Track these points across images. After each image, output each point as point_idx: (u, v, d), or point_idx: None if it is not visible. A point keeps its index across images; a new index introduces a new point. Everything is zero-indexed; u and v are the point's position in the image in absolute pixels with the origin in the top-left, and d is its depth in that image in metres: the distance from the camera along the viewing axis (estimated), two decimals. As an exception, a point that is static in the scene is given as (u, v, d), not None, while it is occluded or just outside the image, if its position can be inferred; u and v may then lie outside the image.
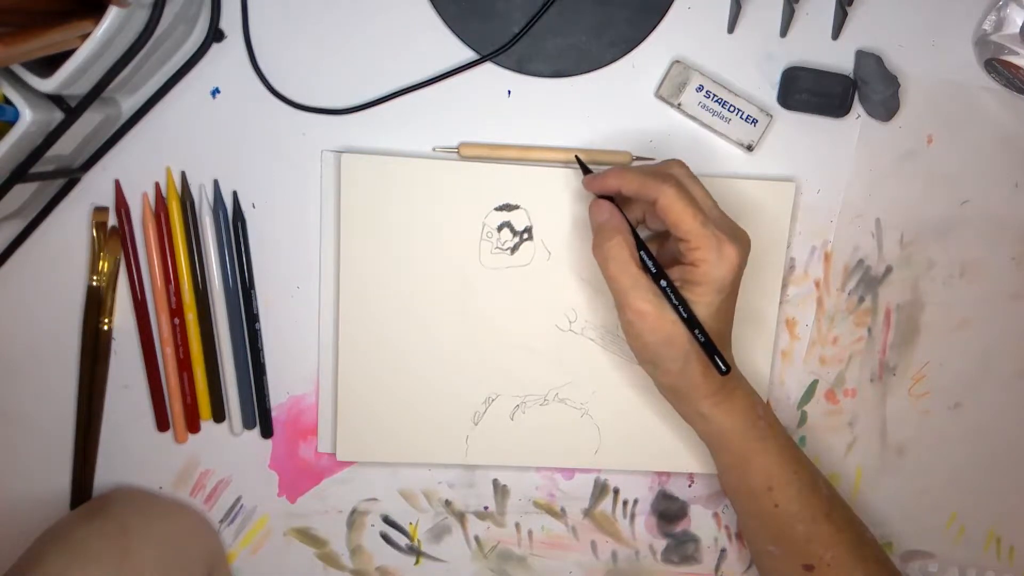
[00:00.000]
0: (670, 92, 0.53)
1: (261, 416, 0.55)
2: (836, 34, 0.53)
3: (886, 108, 0.54)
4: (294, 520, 0.57)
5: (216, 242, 0.53)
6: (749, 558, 0.61)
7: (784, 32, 0.53)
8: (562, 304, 0.55)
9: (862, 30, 0.54)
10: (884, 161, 0.56)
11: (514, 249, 0.54)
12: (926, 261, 0.58)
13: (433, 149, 0.53)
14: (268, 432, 0.56)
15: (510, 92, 0.53)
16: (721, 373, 0.47)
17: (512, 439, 0.56)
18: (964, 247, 0.58)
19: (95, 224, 0.52)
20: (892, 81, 0.53)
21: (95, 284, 0.52)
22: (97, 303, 0.53)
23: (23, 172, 0.44)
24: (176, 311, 0.53)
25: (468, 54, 0.52)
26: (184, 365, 0.54)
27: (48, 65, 0.41)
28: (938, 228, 0.58)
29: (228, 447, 0.56)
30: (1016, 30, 0.52)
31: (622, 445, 0.57)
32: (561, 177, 0.53)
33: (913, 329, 0.59)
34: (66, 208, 0.52)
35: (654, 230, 0.52)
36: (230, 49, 0.51)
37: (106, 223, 0.52)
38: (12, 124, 0.41)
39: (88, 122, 0.46)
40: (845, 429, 0.60)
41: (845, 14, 0.52)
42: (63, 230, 0.52)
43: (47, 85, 0.41)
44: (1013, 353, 0.60)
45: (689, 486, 0.60)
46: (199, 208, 0.52)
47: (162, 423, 0.55)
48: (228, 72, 0.51)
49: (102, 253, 0.52)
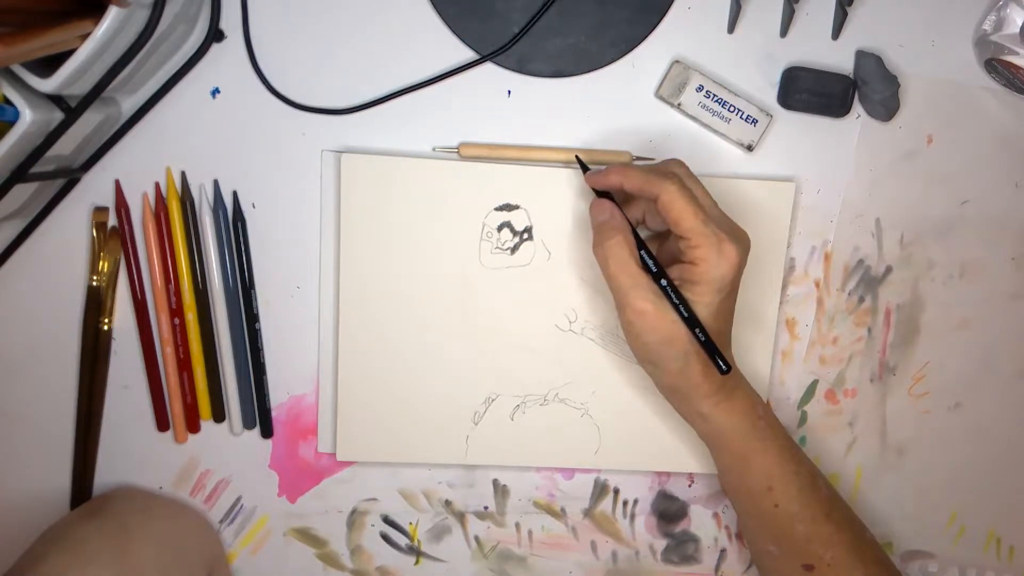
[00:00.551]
0: (670, 92, 0.53)
1: (261, 416, 0.55)
2: (836, 34, 0.53)
3: (886, 108, 0.54)
4: (294, 520, 0.57)
5: (216, 242, 0.53)
6: (749, 558, 0.61)
7: (784, 32, 0.53)
8: (562, 304, 0.55)
9: (862, 30, 0.54)
10: (884, 161, 0.56)
11: (514, 249, 0.54)
12: (926, 261, 0.58)
13: (433, 149, 0.53)
14: (268, 432, 0.56)
15: (510, 92, 0.53)
16: (721, 372, 0.47)
17: (512, 439, 0.56)
18: (964, 247, 0.58)
19: (95, 224, 0.52)
20: (892, 81, 0.53)
21: (95, 284, 0.52)
22: (97, 303, 0.53)
23: (23, 172, 0.44)
24: (176, 311, 0.53)
25: (468, 54, 0.52)
26: (184, 365, 0.54)
27: (48, 65, 0.41)
28: (938, 228, 0.58)
29: (228, 447, 0.56)
30: (1016, 30, 0.52)
31: (622, 445, 0.57)
32: (561, 177, 0.53)
33: (913, 329, 0.59)
34: (66, 208, 0.52)
35: (654, 230, 0.52)
36: (230, 49, 0.51)
37: (106, 223, 0.52)
38: (12, 124, 0.41)
39: (88, 122, 0.46)
40: (845, 429, 0.60)
41: (845, 14, 0.52)
42: (63, 230, 0.52)
43: (47, 85, 0.41)
44: (1013, 353, 0.60)
45: (689, 486, 0.60)
46: (199, 208, 0.52)
47: (162, 423, 0.55)
48: (228, 72, 0.51)
49: (102, 253, 0.52)
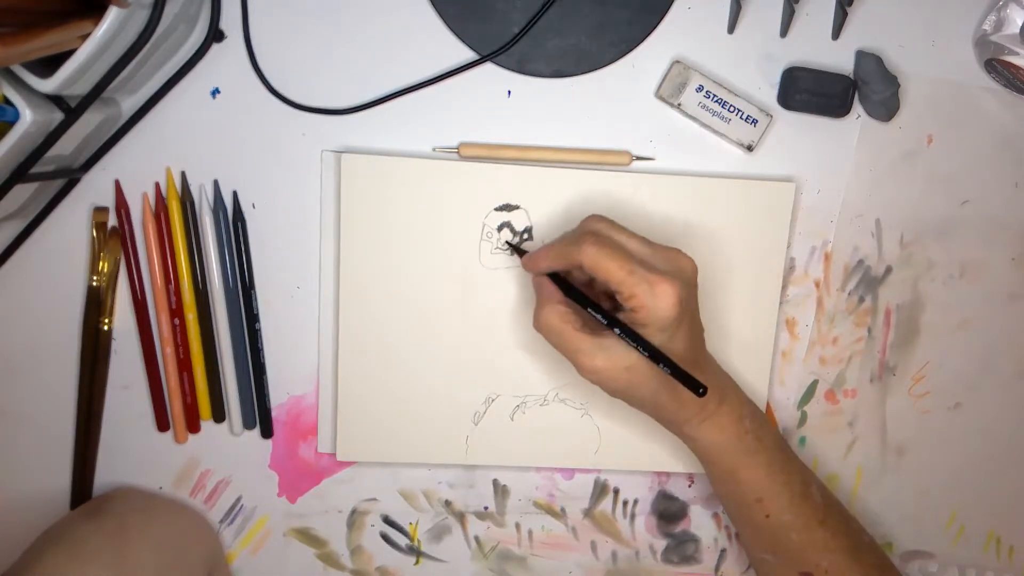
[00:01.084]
0: (670, 92, 0.53)
1: (261, 416, 0.55)
2: (836, 34, 0.53)
3: (886, 108, 0.54)
4: (294, 520, 0.57)
5: (216, 242, 0.53)
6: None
7: (784, 32, 0.53)
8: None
9: (862, 30, 0.54)
10: (884, 161, 0.56)
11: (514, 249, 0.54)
12: (926, 261, 0.58)
13: (433, 149, 0.53)
14: (268, 432, 0.56)
15: (510, 92, 0.53)
16: (698, 395, 0.46)
17: (512, 439, 0.56)
18: (964, 247, 0.58)
19: (95, 224, 0.52)
20: (892, 81, 0.53)
21: (95, 284, 0.52)
22: (97, 303, 0.53)
23: (23, 172, 0.44)
24: (176, 311, 0.53)
25: (468, 54, 0.52)
26: (184, 365, 0.54)
27: (48, 65, 0.41)
28: (938, 228, 0.58)
29: (228, 447, 0.56)
30: (1016, 30, 0.52)
31: (622, 445, 0.57)
32: (561, 177, 0.53)
33: (913, 329, 0.59)
34: (66, 208, 0.52)
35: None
36: (230, 49, 0.51)
37: (106, 223, 0.52)
38: (12, 124, 0.41)
39: (88, 122, 0.46)
40: (845, 429, 0.60)
41: (845, 14, 0.52)
42: (63, 230, 0.52)
43: (47, 85, 0.41)
44: (1013, 353, 0.60)
45: (689, 486, 0.60)
46: (199, 208, 0.52)
47: (162, 423, 0.55)
48: (228, 72, 0.51)
49: (102, 253, 0.52)
